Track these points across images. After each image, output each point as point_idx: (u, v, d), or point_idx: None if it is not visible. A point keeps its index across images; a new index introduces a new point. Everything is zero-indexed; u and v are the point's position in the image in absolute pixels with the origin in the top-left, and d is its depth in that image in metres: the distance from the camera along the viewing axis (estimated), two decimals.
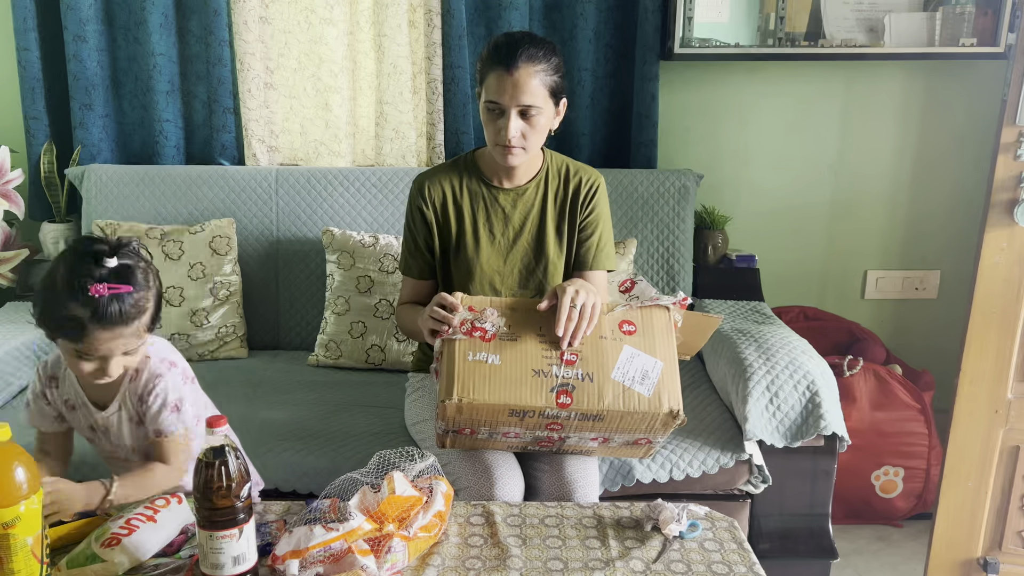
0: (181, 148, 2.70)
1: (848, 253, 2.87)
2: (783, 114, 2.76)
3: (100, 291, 1.25)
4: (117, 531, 1.29)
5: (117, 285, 1.27)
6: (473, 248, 1.85)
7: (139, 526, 1.31)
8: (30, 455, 1.21)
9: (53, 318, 1.30)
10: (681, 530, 1.40)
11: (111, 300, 1.26)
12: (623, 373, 1.50)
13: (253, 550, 1.25)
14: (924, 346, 2.88)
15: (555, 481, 1.69)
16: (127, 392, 1.44)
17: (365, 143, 2.73)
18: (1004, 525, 2.16)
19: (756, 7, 2.58)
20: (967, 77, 2.70)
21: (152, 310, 1.34)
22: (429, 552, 1.36)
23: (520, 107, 1.69)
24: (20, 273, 2.60)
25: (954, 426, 2.10)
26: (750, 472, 1.99)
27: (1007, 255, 2.01)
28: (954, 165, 2.78)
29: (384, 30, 2.59)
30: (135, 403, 1.45)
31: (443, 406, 1.47)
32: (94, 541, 1.28)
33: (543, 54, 1.68)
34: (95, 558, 1.26)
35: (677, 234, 2.56)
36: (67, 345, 1.32)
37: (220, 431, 1.22)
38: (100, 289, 1.26)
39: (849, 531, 2.56)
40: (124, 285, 1.29)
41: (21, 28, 2.53)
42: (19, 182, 2.56)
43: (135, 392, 1.44)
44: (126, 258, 1.32)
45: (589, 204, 1.86)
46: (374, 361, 2.38)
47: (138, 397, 1.44)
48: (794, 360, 2.03)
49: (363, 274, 2.39)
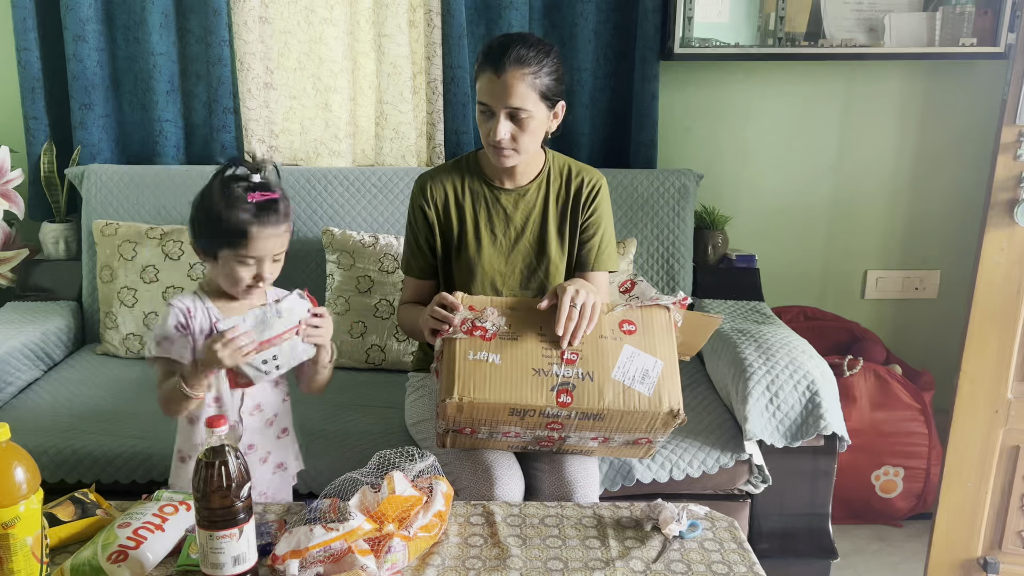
0: (181, 148, 2.70)
1: (848, 253, 2.87)
2: (783, 114, 2.76)
3: (257, 198, 1.49)
4: (124, 543, 1.28)
5: (267, 191, 1.50)
6: (475, 248, 1.85)
7: (147, 537, 1.31)
8: (30, 455, 1.21)
9: (220, 230, 1.49)
10: (681, 530, 1.40)
11: (267, 203, 1.49)
12: (623, 372, 1.50)
13: (253, 550, 1.25)
14: (924, 346, 2.88)
15: (555, 481, 1.70)
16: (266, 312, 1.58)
17: (365, 143, 2.73)
18: (1004, 525, 2.16)
19: (756, 7, 2.58)
20: (967, 77, 2.70)
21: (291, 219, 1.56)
22: (429, 552, 1.36)
23: (508, 109, 1.68)
24: (20, 273, 2.60)
25: (954, 426, 2.10)
26: (750, 472, 1.99)
27: (1007, 255, 2.01)
28: (954, 165, 2.78)
29: (384, 30, 2.59)
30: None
31: (444, 405, 1.47)
32: (100, 552, 1.28)
33: (534, 56, 1.67)
34: (100, 572, 1.25)
35: (677, 234, 2.56)
36: (229, 255, 1.50)
37: (220, 431, 1.22)
38: (256, 196, 1.49)
39: (849, 531, 2.56)
40: (272, 192, 1.51)
41: (21, 28, 2.53)
42: (19, 182, 2.56)
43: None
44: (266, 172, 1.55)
45: (591, 205, 1.86)
46: (374, 361, 2.38)
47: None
48: (794, 360, 2.03)
49: (363, 274, 2.39)
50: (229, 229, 1.48)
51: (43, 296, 2.58)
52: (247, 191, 1.49)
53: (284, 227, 1.53)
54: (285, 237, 1.55)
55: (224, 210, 1.48)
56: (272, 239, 1.51)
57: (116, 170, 2.57)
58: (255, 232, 1.48)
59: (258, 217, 1.48)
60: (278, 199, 1.51)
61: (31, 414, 2.10)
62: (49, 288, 2.60)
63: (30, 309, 2.49)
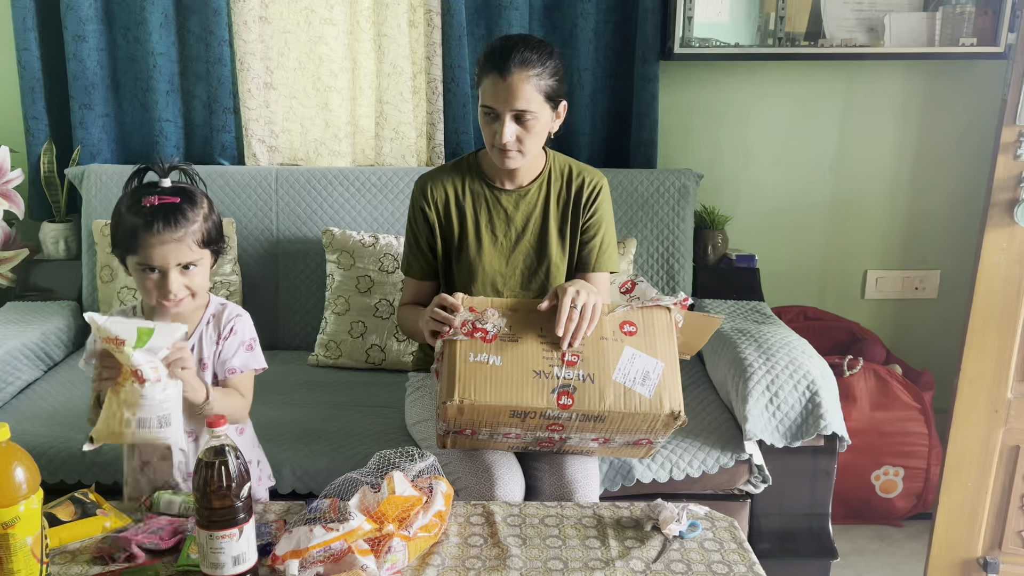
0: (181, 148, 2.69)
1: (848, 253, 2.87)
2: (783, 114, 2.76)
3: (151, 201, 1.44)
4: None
5: (166, 196, 1.45)
6: (475, 249, 1.85)
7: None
8: (29, 455, 1.21)
9: (117, 235, 1.47)
10: (681, 530, 1.40)
11: (159, 208, 1.43)
12: (624, 374, 1.50)
13: (253, 550, 1.25)
14: (924, 346, 2.88)
15: (555, 481, 1.69)
16: (203, 333, 1.55)
17: (365, 143, 2.73)
18: (1004, 525, 2.16)
19: (756, 7, 2.58)
20: (967, 77, 2.70)
21: (202, 224, 1.48)
22: (429, 552, 1.36)
23: (514, 112, 1.68)
24: (20, 273, 2.60)
25: (954, 426, 2.10)
26: (750, 472, 1.99)
27: (1007, 255, 2.01)
28: (954, 165, 2.78)
29: (384, 30, 2.59)
30: (210, 344, 1.55)
31: (444, 407, 1.47)
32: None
33: (538, 58, 1.68)
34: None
35: (677, 234, 2.56)
36: (132, 261, 1.47)
37: (220, 431, 1.22)
38: (151, 200, 1.44)
39: (849, 531, 2.56)
40: (172, 197, 1.45)
41: (21, 28, 2.52)
42: (19, 182, 2.56)
43: (212, 334, 1.55)
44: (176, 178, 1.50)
45: (592, 206, 1.86)
46: (374, 361, 2.38)
47: (217, 336, 1.55)
48: (794, 360, 2.03)
49: (363, 274, 2.39)
50: (124, 233, 1.45)
51: (43, 296, 2.58)
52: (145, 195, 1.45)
53: (182, 233, 1.44)
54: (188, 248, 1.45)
55: (123, 214, 1.46)
56: (169, 245, 1.43)
57: (116, 170, 2.57)
58: (146, 238, 1.42)
59: (150, 222, 1.42)
60: (176, 204, 1.44)
61: (31, 414, 2.10)
62: (49, 288, 2.60)
63: (30, 309, 2.49)
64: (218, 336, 1.55)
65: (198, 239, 1.47)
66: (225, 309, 1.58)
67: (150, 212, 1.43)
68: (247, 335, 1.58)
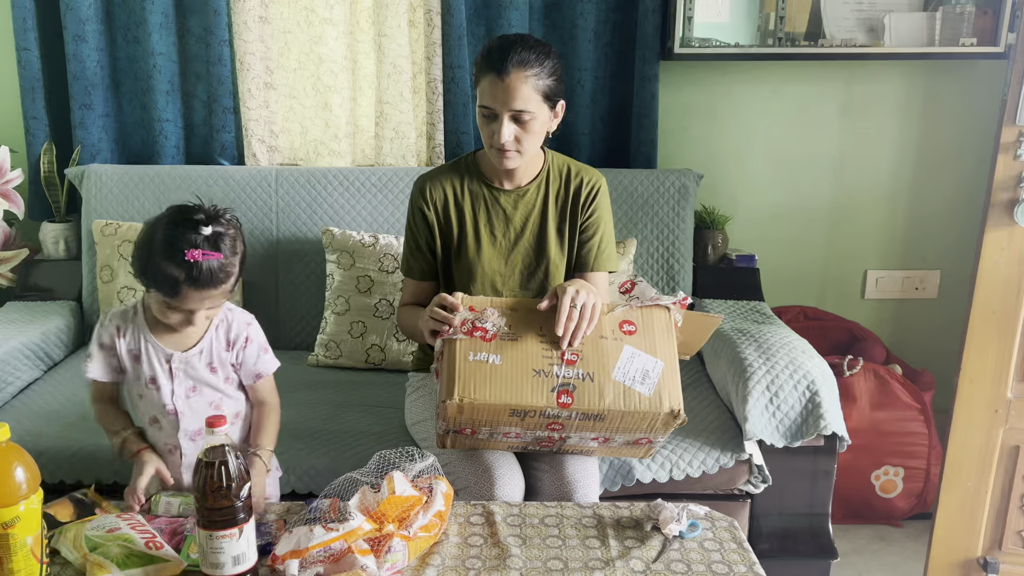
0: (181, 148, 2.70)
1: (848, 253, 2.87)
2: (783, 114, 2.76)
3: (195, 256, 1.38)
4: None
5: (210, 252, 1.40)
6: (474, 249, 1.85)
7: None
8: (29, 455, 1.21)
9: (150, 275, 1.42)
10: (681, 530, 1.40)
11: (204, 265, 1.39)
12: (624, 373, 1.50)
13: (253, 550, 1.25)
14: (924, 346, 2.88)
15: (555, 481, 1.69)
16: (212, 339, 1.55)
17: (365, 143, 2.73)
18: (1004, 525, 2.16)
19: (756, 7, 2.58)
20: (967, 77, 2.70)
21: (237, 273, 1.47)
22: (429, 552, 1.36)
23: (512, 112, 1.68)
24: (20, 273, 2.60)
25: (954, 426, 2.10)
26: (750, 472, 1.99)
27: (1007, 255, 2.01)
28: (954, 165, 2.78)
29: (384, 30, 2.59)
30: (219, 348, 1.56)
31: (444, 406, 1.47)
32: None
33: (535, 58, 1.68)
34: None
35: (677, 234, 2.56)
36: (159, 297, 1.45)
37: (220, 431, 1.22)
38: (195, 255, 1.38)
39: (849, 531, 2.56)
40: (216, 252, 1.41)
41: (21, 28, 2.52)
42: (19, 182, 2.56)
43: (221, 338, 1.56)
44: (219, 226, 1.43)
45: (590, 205, 1.86)
46: (374, 361, 2.38)
47: (225, 343, 1.56)
48: (794, 360, 2.03)
49: (363, 274, 2.39)
50: (161, 278, 1.41)
51: (43, 296, 2.58)
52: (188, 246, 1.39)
53: (222, 289, 1.44)
54: (222, 296, 1.47)
55: (160, 258, 1.40)
56: (206, 300, 1.44)
57: (116, 170, 2.57)
58: (185, 290, 1.41)
59: (191, 277, 1.39)
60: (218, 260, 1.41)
61: (31, 414, 2.10)
62: (49, 288, 2.60)
63: (30, 309, 2.49)
64: (227, 342, 1.56)
65: (232, 287, 1.48)
66: (233, 315, 1.58)
67: (194, 268, 1.39)
68: (262, 339, 1.61)
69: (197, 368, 1.54)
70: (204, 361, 1.55)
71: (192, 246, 1.39)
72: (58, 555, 1.33)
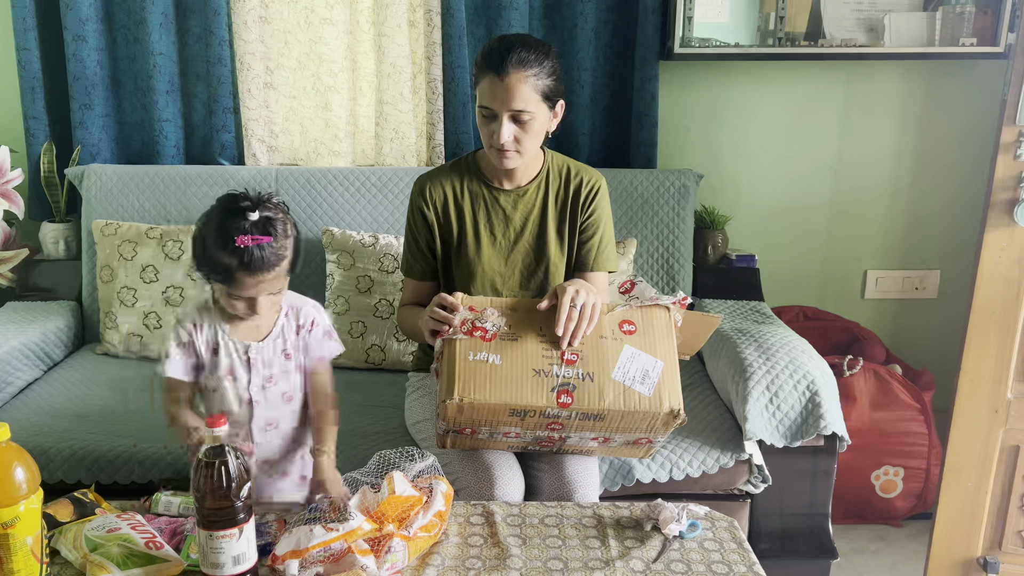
0: (181, 148, 2.70)
1: (848, 253, 2.87)
2: (783, 114, 2.76)
3: (245, 242, 1.41)
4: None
5: (259, 236, 1.42)
6: (474, 249, 1.85)
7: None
8: (29, 455, 1.21)
9: (207, 266, 1.46)
10: (681, 530, 1.40)
11: (254, 249, 1.42)
12: (624, 373, 1.50)
13: (253, 550, 1.25)
14: (924, 346, 2.88)
15: (555, 481, 1.69)
16: (284, 325, 1.57)
17: (365, 143, 2.73)
18: (1004, 525, 2.16)
19: (756, 7, 2.58)
20: (967, 77, 2.70)
21: (291, 256, 1.49)
22: (429, 552, 1.36)
23: (512, 112, 1.68)
24: (20, 273, 2.60)
25: (954, 426, 2.10)
26: (750, 472, 1.99)
27: (1007, 255, 2.01)
28: (954, 165, 2.78)
29: (384, 30, 2.59)
30: (291, 334, 1.57)
31: (444, 406, 1.47)
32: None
33: (535, 58, 1.67)
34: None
35: (677, 234, 2.56)
36: (220, 287, 1.48)
37: (220, 431, 1.22)
38: (245, 240, 1.41)
39: (849, 531, 2.56)
40: (265, 236, 1.43)
41: (21, 28, 2.53)
42: (19, 182, 2.56)
43: (292, 324, 1.58)
44: (267, 211, 1.46)
45: (590, 205, 1.86)
46: (374, 361, 2.38)
47: (296, 328, 1.57)
48: (794, 360, 2.03)
49: (363, 274, 2.39)
50: (217, 269, 1.44)
51: (43, 296, 2.58)
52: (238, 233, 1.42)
53: (275, 272, 1.46)
54: (279, 280, 1.49)
55: (214, 248, 1.43)
56: (263, 284, 1.45)
57: (116, 170, 2.57)
58: (239, 276, 1.43)
59: (243, 263, 1.42)
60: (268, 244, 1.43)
61: (31, 414, 2.10)
62: (49, 288, 2.60)
63: (30, 309, 2.49)
64: (297, 327, 1.58)
65: (287, 270, 1.49)
66: (301, 301, 1.60)
67: (245, 253, 1.41)
68: (327, 323, 1.62)
69: (273, 358, 1.55)
70: (279, 348, 1.55)
71: (241, 232, 1.41)
72: (58, 555, 1.33)
